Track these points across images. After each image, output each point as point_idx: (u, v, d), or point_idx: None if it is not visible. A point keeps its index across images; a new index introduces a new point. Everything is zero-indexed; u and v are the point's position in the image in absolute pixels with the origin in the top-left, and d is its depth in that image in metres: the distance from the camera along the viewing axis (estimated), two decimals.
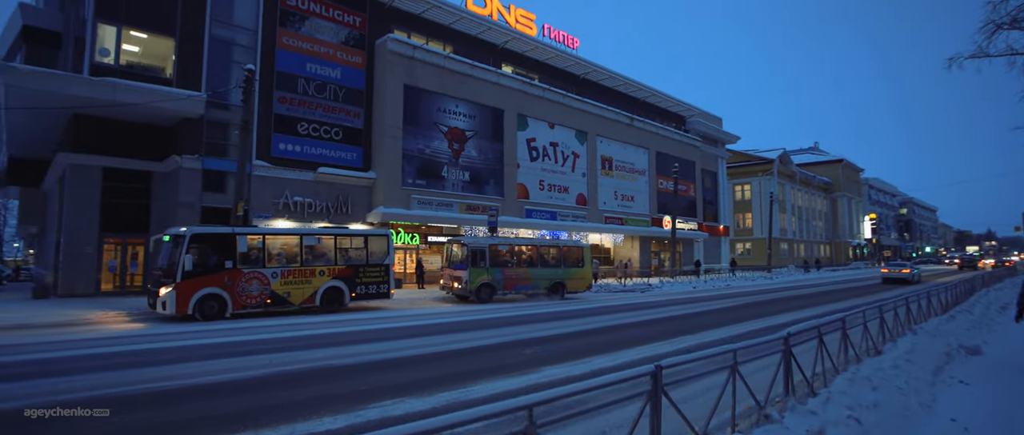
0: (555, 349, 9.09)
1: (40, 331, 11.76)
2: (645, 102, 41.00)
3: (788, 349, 4.64)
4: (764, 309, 16.22)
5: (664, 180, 39.61)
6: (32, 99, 16.98)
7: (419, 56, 25.49)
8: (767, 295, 22.56)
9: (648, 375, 2.86)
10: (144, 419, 5.33)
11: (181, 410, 5.59)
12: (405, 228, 25.94)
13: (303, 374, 7.19)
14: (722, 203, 48.50)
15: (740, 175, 61.25)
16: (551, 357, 8.40)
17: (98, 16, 18.08)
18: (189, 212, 19.19)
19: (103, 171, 19.13)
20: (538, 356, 8.50)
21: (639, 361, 8.14)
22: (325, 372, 7.31)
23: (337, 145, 23.53)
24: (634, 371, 2.81)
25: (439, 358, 8.35)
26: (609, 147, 36.08)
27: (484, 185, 28.48)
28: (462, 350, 9.05)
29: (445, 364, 7.90)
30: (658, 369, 2.91)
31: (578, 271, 22.27)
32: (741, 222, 61.48)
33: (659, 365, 2.93)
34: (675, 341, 10.00)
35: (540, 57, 33.06)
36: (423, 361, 8.11)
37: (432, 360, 8.18)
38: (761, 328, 11.85)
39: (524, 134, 30.81)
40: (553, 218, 31.56)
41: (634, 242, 37.92)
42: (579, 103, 33.76)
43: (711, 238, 45.28)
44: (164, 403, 5.84)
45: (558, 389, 2.73)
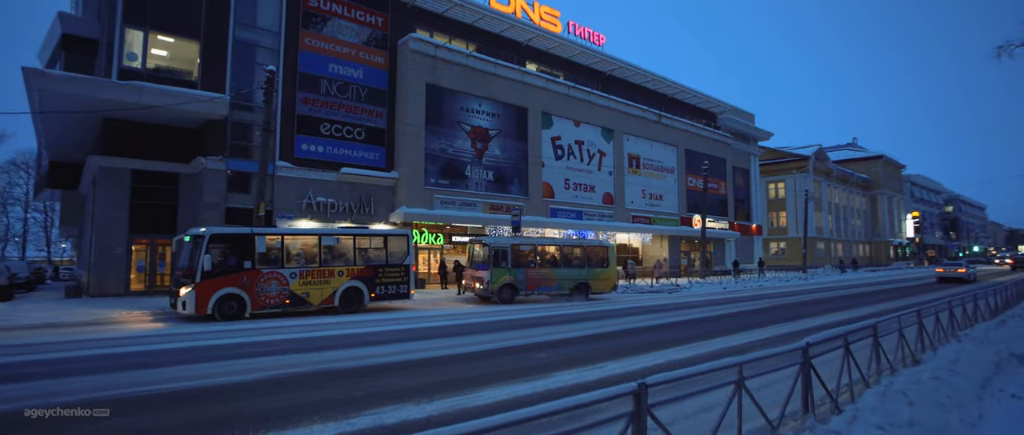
0: (570, 353, 8.72)
1: (63, 330, 11.96)
2: (673, 99, 40.09)
3: (807, 360, 4.16)
4: (795, 312, 15.48)
5: (693, 178, 38.67)
6: (64, 103, 17.42)
7: (441, 55, 25.35)
8: (799, 296, 21.65)
9: (630, 394, 2.49)
10: (116, 425, 5.19)
11: (167, 415, 5.43)
12: (429, 228, 25.84)
13: (303, 377, 7.00)
14: (754, 201, 47.14)
15: (774, 173, 59.51)
16: (565, 362, 8.04)
17: (126, 21, 18.44)
18: (214, 213, 19.43)
19: (132, 173, 19.53)
20: (551, 360, 8.15)
21: (653, 368, 7.71)
22: (326, 375, 7.11)
23: (360, 145, 23.56)
24: (615, 389, 2.45)
25: (447, 362, 8.08)
26: (636, 145, 35.37)
27: (508, 184, 28.20)
28: (473, 353, 8.76)
29: (452, 368, 7.62)
30: (642, 388, 2.54)
31: (603, 271, 21.78)
32: (775, 221, 59.72)
33: (643, 384, 2.56)
34: (695, 346, 9.51)
35: (565, 54, 32.60)
36: (430, 365, 7.84)
37: (439, 364, 7.91)
38: (789, 332, 11.23)
39: (549, 132, 30.41)
40: (579, 217, 31.07)
41: (663, 242, 37.10)
42: (605, 100, 33.18)
43: (743, 237, 44.04)
44: (151, 408, 5.70)
45: (531, 409, 2.40)
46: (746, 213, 45.94)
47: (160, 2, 19.05)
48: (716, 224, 39.84)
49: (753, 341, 9.99)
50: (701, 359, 8.33)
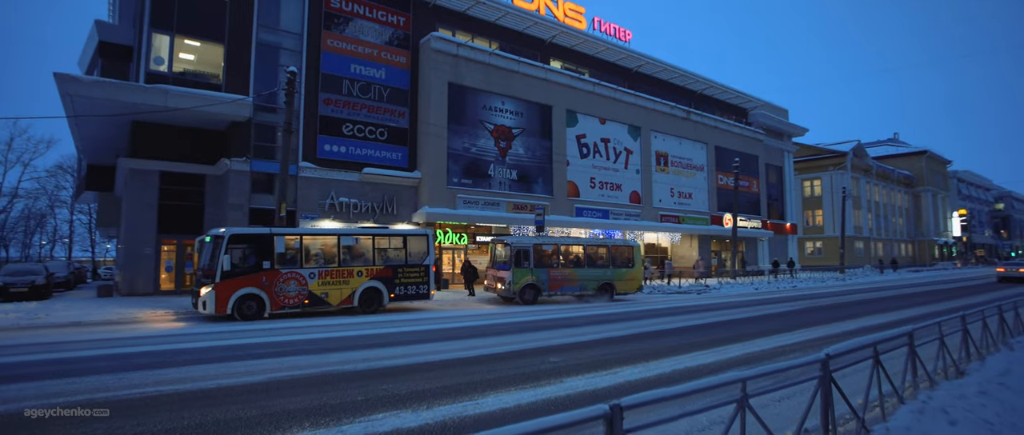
0: (584, 358, 8.35)
1: (86, 329, 12.13)
2: (703, 95, 39.09)
3: (827, 374, 3.70)
4: (827, 315, 14.72)
5: (724, 176, 37.62)
6: (95, 107, 17.83)
7: (463, 54, 25.17)
8: (834, 298, 20.70)
9: (601, 418, 2.13)
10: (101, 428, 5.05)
11: (154, 419, 5.28)
12: (453, 228, 25.71)
13: (303, 381, 6.81)
14: (789, 199, 45.65)
15: (809, 170, 57.61)
16: (577, 367, 7.68)
17: (153, 27, 18.79)
18: (238, 213, 19.64)
19: (160, 175, 19.90)
20: (564, 365, 7.79)
21: (669, 375, 7.28)
22: (328, 379, 6.91)
23: (382, 145, 23.56)
24: (583, 413, 2.09)
25: (455, 365, 7.80)
26: (664, 142, 34.58)
27: (532, 183, 27.85)
28: (483, 356, 8.47)
29: (458, 372, 7.34)
30: (615, 411, 2.17)
31: (628, 271, 21.24)
32: (810, 219, 57.79)
33: (617, 406, 2.19)
34: (719, 350, 9.01)
35: (590, 51, 32.07)
36: (437, 368, 7.58)
37: (446, 367, 7.64)
38: (819, 337, 10.60)
39: (574, 130, 29.94)
40: (605, 217, 30.52)
41: (692, 241, 36.19)
42: (631, 97, 32.52)
43: (777, 236, 42.69)
44: (143, 410, 5.57)
45: None
46: (780, 212, 44.54)
47: (186, 7, 19.35)
48: (748, 223, 38.70)
49: (778, 346, 9.43)
50: (719, 366, 7.87)
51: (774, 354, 8.67)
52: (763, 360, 8.22)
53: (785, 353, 8.80)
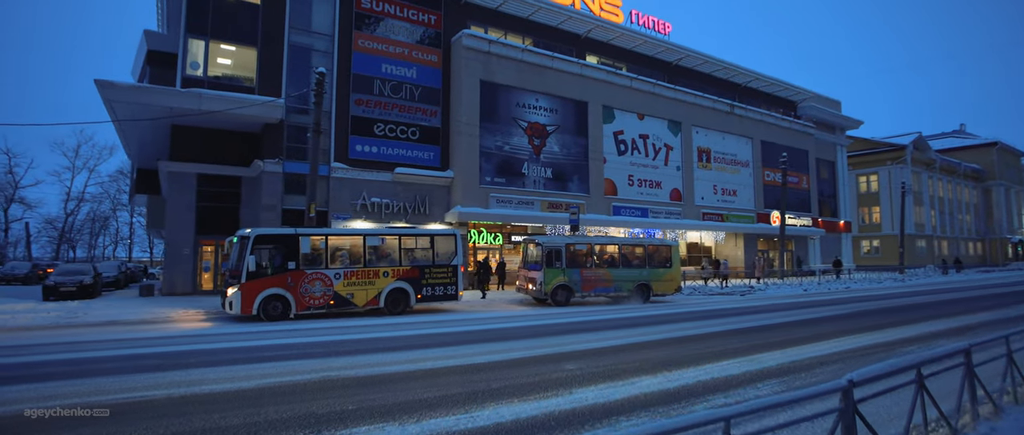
0: (603, 365, 7.78)
1: (118, 328, 12.36)
2: (747, 87, 37.45)
3: (850, 406, 3.00)
4: (878, 320, 13.55)
5: (771, 172, 35.93)
6: (134, 112, 18.36)
7: (495, 50, 24.80)
8: (890, 301, 19.23)
9: None
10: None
11: (133, 428, 5.07)
12: (488, 228, 25.39)
13: (300, 386, 6.53)
14: (842, 196, 43.30)
15: (865, 164, 54.58)
16: (593, 375, 7.14)
17: (188, 32, 19.21)
18: (271, 214, 19.87)
19: (198, 177, 20.37)
20: (580, 373, 7.27)
21: (691, 387, 6.64)
22: (326, 384, 6.61)
23: (414, 145, 23.45)
24: None
25: (464, 372, 7.39)
26: (706, 138, 33.28)
27: (568, 182, 27.23)
28: (496, 363, 8.02)
29: (466, 379, 6.92)
30: None
31: (666, 272, 20.39)
32: (866, 217, 54.74)
33: None
34: (753, 359, 8.26)
35: (627, 45, 31.15)
36: (444, 374, 7.19)
37: (454, 374, 7.24)
38: (864, 346, 9.65)
39: (610, 127, 29.13)
40: (644, 215, 29.57)
41: (737, 240, 34.71)
42: (671, 92, 31.41)
43: (829, 235, 40.52)
44: (133, 415, 5.39)
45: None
46: (832, 209, 42.28)
47: (220, 12, 19.71)
48: (797, 221, 36.84)
49: (814, 357, 8.57)
50: (744, 379, 7.16)
51: (810, 365, 7.87)
52: (796, 372, 7.46)
53: (822, 364, 7.98)
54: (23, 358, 8.56)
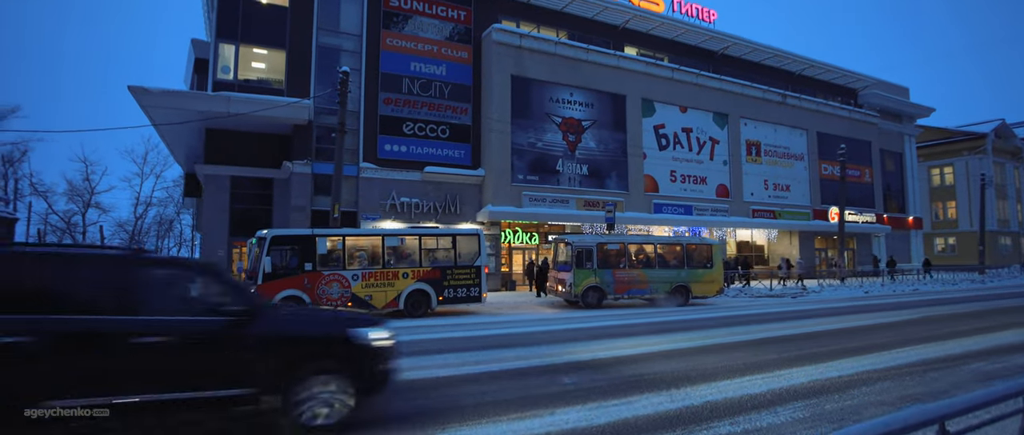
0: (601, 380, 6.97)
1: None
2: (802, 75, 35.14)
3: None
4: (947, 328, 12.00)
5: (828, 165, 33.57)
6: (170, 117, 18.79)
7: (527, 44, 24.12)
8: (963, 306, 17.27)
9: None
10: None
11: None
12: (523, 227, 24.78)
13: None
14: (911, 190, 40.11)
15: (938, 155, 50.46)
16: (590, 391, 6.37)
17: (219, 37, 19.53)
18: (301, 215, 19.94)
19: (231, 179, 20.72)
20: (573, 389, 6.51)
21: (698, 410, 5.76)
22: None
23: (444, 143, 23.09)
24: None
25: (443, 385, 6.77)
26: (756, 130, 31.42)
27: (605, 179, 26.23)
28: (486, 373, 7.35)
29: (436, 395, 6.30)
30: None
31: (706, 273, 19.12)
32: (940, 212, 50.59)
33: None
34: (778, 375, 7.25)
35: (668, 34, 29.77)
36: (423, 389, 6.59)
37: (432, 388, 6.63)
38: (932, 358, 8.39)
39: (650, 120, 27.90)
40: (688, 213, 28.17)
41: (792, 238, 32.61)
42: (716, 82, 29.81)
43: (896, 232, 37.55)
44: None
45: None
46: (899, 204, 39.21)
47: (249, 17, 19.95)
48: (859, 217, 34.27)
49: (859, 373, 7.44)
50: (763, 401, 6.19)
51: (851, 383, 6.80)
52: (829, 392, 6.42)
53: (870, 381, 6.88)
54: None
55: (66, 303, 4.15)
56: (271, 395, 4.51)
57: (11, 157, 50.07)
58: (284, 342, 4.79)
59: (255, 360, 4.56)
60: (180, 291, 4.76)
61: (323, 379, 4.75)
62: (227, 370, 4.48)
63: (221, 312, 4.61)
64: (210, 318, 4.58)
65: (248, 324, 4.63)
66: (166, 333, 4.31)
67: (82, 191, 59.36)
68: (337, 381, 4.80)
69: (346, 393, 4.83)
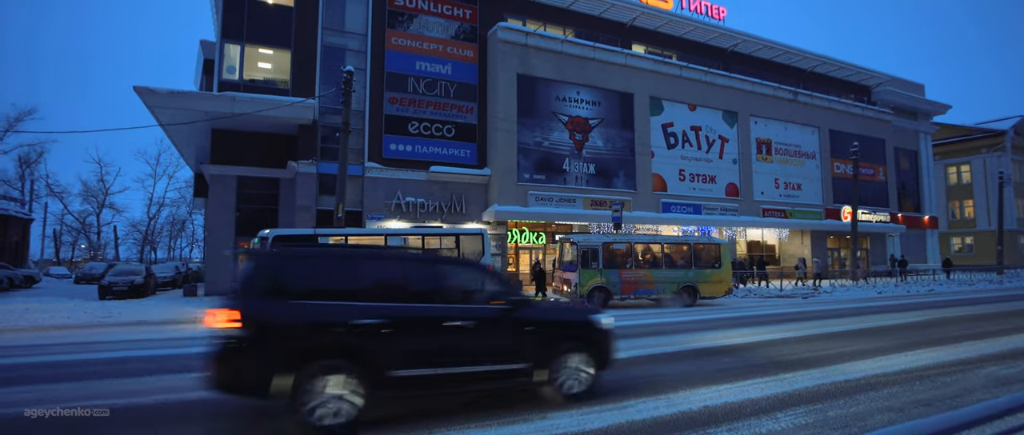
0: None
1: (144, 328, 12.52)
2: (813, 73, 34.61)
3: None
4: (967, 329, 11.65)
5: (841, 163, 33.02)
6: (176, 117, 18.85)
7: (532, 42, 23.95)
8: (977, 308, 16.82)
9: None
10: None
11: None
12: (530, 227, 24.64)
13: None
14: (926, 189, 39.39)
15: (954, 153, 49.53)
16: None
17: (224, 38, 19.57)
18: (307, 215, 19.94)
19: (237, 179, 20.75)
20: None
21: (690, 416, 5.57)
22: None
23: (449, 142, 22.99)
24: None
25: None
26: (766, 128, 30.99)
27: (612, 178, 25.99)
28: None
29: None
30: None
31: (714, 273, 18.84)
32: (957, 211, 49.66)
33: None
34: (782, 379, 7.02)
35: (676, 32, 29.44)
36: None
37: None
38: (944, 362, 8.09)
39: (659, 119, 27.60)
40: (697, 212, 27.84)
41: (803, 237, 32.11)
42: (726, 80, 29.44)
43: (911, 231, 36.90)
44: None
45: None
46: (914, 203, 38.53)
47: (254, 17, 19.98)
48: (872, 216, 33.70)
49: (865, 377, 7.17)
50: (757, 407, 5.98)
51: (858, 387, 6.56)
52: (835, 397, 6.18)
53: (878, 385, 6.63)
54: (12, 359, 8.59)
55: (402, 295, 5.39)
56: (540, 369, 5.66)
57: (28, 158, 50.93)
58: (547, 325, 5.97)
59: (528, 340, 5.69)
60: (472, 286, 5.88)
61: (574, 356, 5.89)
62: (509, 348, 5.62)
63: (500, 302, 5.70)
64: (494, 307, 5.66)
65: (520, 311, 5.72)
66: (466, 318, 5.46)
67: (97, 192, 60.21)
68: (583, 357, 5.94)
69: (589, 367, 5.96)
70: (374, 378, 4.90)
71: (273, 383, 4.61)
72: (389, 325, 5.09)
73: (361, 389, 4.81)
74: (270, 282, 5.08)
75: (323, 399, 4.68)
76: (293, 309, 4.92)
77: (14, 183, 50.88)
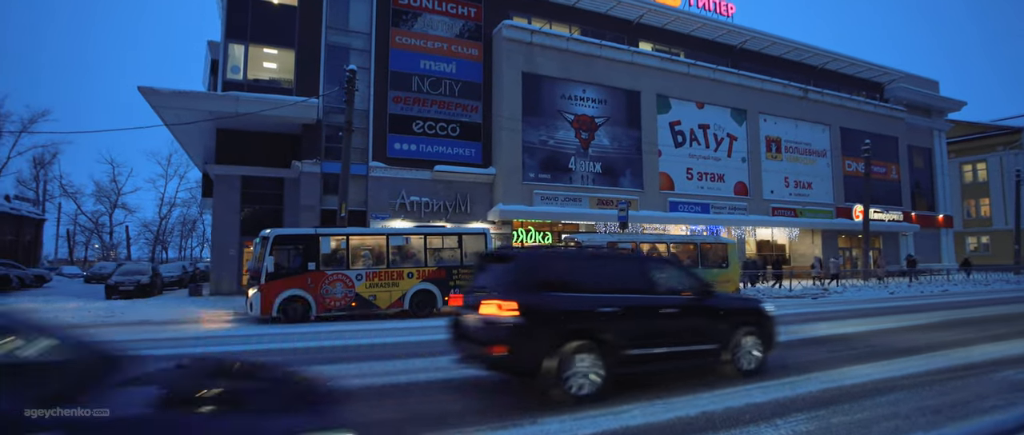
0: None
1: (145, 328, 12.50)
2: (824, 69, 34.09)
3: None
4: (981, 330, 11.31)
5: (852, 161, 32.51)
6: (181, 117, 18.90)
7: (537, 40, 23.76)
8: (997, 308, 16.41)
9: None
10: None
11: None
12: (536, 226, 24.46)
13: None
14: (941, 187, 38.70)
15: (970, 151, 48.67)
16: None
17: (228, 37, 19.60)
18: (310, 214, 19.91)
19: (241, 179, 20.77)
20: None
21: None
22: None
23: (454, 141, 22.87)
24: None
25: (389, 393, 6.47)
26: (775, 126, 30.58)
27: (619, 177, 25.74)
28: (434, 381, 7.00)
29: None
30: None
31: (721, 272, 18.58)
32: (973, 210, 48.81)
33: None
34: (789, 382, 6.80)
35: (684, 29, 29.10)
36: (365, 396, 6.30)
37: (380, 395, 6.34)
38: (955, 365, 7.81)
39: (666, 117, 27.31)
40: (705, 211, 27.51)
41: (814, 237, 31.66)
42: (734, 77, 29.06)
43: (925, 230, 36.26)
44: None
45: None
46: (928, 201, 37.88)
47: (258, 17, 19.99)
48: (885, 215, 33.15)
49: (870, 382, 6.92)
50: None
51: (865, 392, 6.33)
52: (841, 401, 5.96)
53: (885, 390, 6.40)
54: None
55: (629, 288, 6.38)
56: (726, 350, 6.60)
57: (42, 159, 51.61)
58: (730, 312, 6.90)
59: (716, 324, 6.67)
60: (673, 279, 6.81)
61: (749, 339, 6.82)
62: (704, 331, 6.60)
63: (692, 292, 6.67)
64: (689, 297, 6.62)
65: (709, 301, 6.72)
66: (673, 306, 6.48)
67: (109, 192, 60.88)
68: (755, 340, 6.88)
69: (759, 349, 6.91)
70: (612, 356, 5.77)
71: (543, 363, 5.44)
72: (622, 312, 6.06)
73: (603, 365, 5.67)
74: (534, 278, 5.95)
75: (576, 372, 5.54)
76: (554, 300, 5.82)
77: (29, 184, 51.64)
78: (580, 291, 6.01)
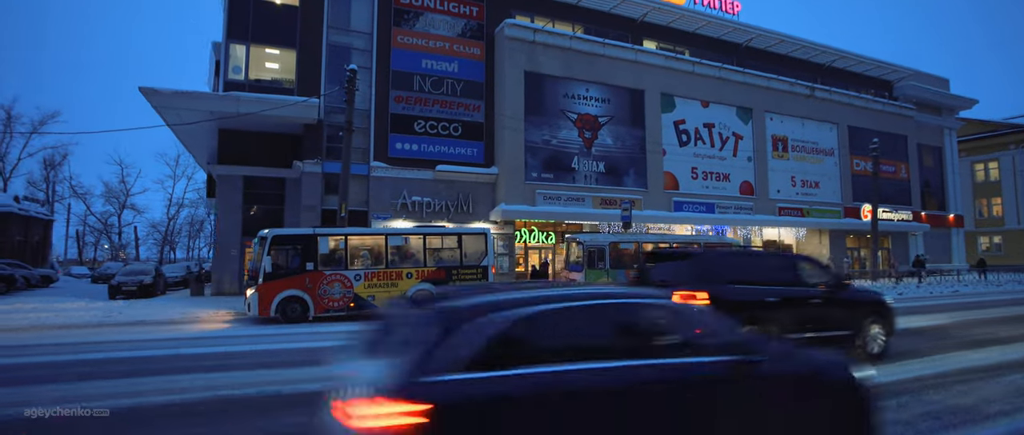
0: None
1: (143, 328, 12.50)
2: (832, 67, 33.70)
3: None
4: (990, 332, 11.04)
5: (860, 160, 32.12)
6: (182, 117, 18.91)
7: (540, 39, 23.60)
8: (1009, 309, 16.07)
9: None
10: None
11: None
12: (539, 226, 24.33)
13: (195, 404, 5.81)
14: (951, 186, 38.16)
15: (982, 150, 47.99)
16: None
17: (229, 38, 19.59)
18: (312, 214, 19.87)
19: (243, 179, 20.77)
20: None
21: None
22: (225, 403, 5.85)
23: (456, 141, 22.76)
24: None
25: None
26: (782, 124, 30.24)
27: (623, 176, 25.53)
28: None
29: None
30: None
31: None
32: (985, 210, 48.13)
33: None
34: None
35: (689, 27, 28.86)
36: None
37: None
38: (963, 368, 7.60)
39: (670, 116, 27.06)
40: (710, 211, 27.24)
41: (821, 237, 31.30)
42: (740, 75, 28.76)
43: (935, 230, 35.75)
44: None
45: None
46: (939, 201, 37.35)
47: (259, 17, 19.98)
48: (894, 215, 32.72)
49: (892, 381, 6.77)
50: None
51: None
52: None
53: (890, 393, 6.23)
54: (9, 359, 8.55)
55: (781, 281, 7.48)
56: (857, 336, 7.57)
57: (52, 161, 52.10)
58: (860, 303, 7.87)
59: (850, 313, 7.63)
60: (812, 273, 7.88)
61: (875, 327, 7.78)
62: (840, 318, 7.54)
63: (827, 285, 7.72)
64: (826, 289, 7.64)
65: (842, 292, 7.77)
66: (816, 296, 7.51)
67: (118, 193, 61.40)
68: (879, 328, 7.83)
69: (882, 336, 7.88)
70: None
71: None
72: (781, 302, 7.10)
73: None
74: (716, 272, 7.15)
75: None
76: (733, 291, 6.96)
77: (39, 185, 52.13)
78: (749, 284, 7.12)
